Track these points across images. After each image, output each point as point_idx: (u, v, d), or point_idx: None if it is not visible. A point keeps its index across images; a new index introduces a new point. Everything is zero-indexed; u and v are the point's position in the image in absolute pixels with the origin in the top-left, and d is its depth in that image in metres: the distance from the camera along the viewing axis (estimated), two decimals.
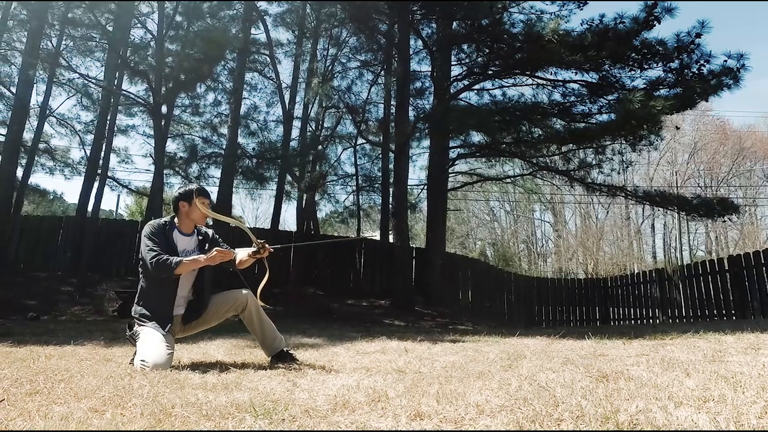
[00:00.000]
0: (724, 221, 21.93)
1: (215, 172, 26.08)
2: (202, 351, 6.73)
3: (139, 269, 5.69)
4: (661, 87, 17.62)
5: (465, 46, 21.13)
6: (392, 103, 22.62)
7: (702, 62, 16.98)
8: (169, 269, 5.33)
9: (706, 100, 18.28)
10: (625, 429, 2.76)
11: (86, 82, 25.42)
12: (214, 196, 24.15)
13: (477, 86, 21.84)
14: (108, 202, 69.91)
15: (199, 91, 26.27)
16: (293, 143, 24.02)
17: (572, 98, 19.60)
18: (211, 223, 5.39)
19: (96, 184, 21.25)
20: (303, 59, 24.95)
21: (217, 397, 3.70)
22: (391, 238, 22.13)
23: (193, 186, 5.81)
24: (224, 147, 24.69)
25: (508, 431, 2.80)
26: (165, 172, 23.27)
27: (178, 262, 5.35)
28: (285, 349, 5.80)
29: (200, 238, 5.89)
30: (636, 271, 28.84)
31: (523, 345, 7.26)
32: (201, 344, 7.46)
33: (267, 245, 5.71)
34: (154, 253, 5.40)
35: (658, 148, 30.55)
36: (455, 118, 17.87)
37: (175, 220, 5.80)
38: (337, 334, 9.86)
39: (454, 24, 20.14)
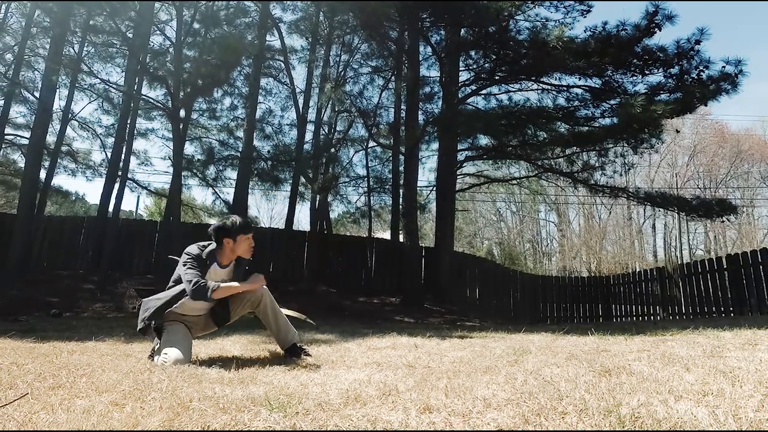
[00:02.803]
0: (723, 221, 21.89)
1: (231, 174, 26.08)
2: (219, 347, 6.74)
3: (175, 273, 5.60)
4: (661, 92, 17.59)
5: (472, 53, 21.11)
6: (402, 107, 22.61)
7: (701, 68, 16.95)
8: (205, 295, 5.23)
9: (705, 105, 18.20)
10: (627, 422, 2.76)
11: (107, 87, 25.53)
12: (230, 197, 24.25)
13: (484, 91, 21.82)
14: (128, 203, 70.07)
15: (216, 96, 26.33)
16: (307, 146, 24.08)
17: (576, 103, 19.58)
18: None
19: (117, 186, 21.31)
20: (316, 65, 25.01)
21: (233, 391, 3.72)
22: (401, 238, 22.14)
23: (238, 221, 5.65)
24: (240, 149, 24.68)
25: (515, 430, 2.81)
26: (183, 173, 23.28)
27: (216, 287, 5.26)
28: (298, 344, 5.75)
29: (234, 265, 5.78)
30: (637, 270, 28.77)
31: (528, 341, 7.25)
32: (218, 340, 7.47)
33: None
34: (196, 278, 5.29)
35: (658, 150, 30.53)
36: (463, 122, 17.89)
37: (216, 251, 5.65)
38: (348, 330, 9.85)
39: (462, 31, 20.14)
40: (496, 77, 20.19)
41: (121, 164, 21.97)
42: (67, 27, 20.79)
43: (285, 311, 5.95)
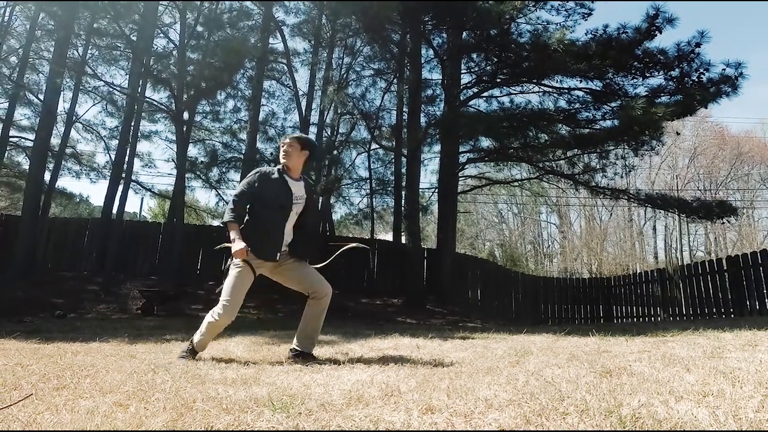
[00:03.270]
0: (723, 223, 21.89)
1: (235, 176, 26.09)
2: (223, 348, 6.75)
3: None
4: (662, 94, 17.60)
5: (474, 55, 21.12)
6: (404, 109, 22.62)
7: (701, 71, 16.95)
8: (223, 215, 5.76)
9: (706, 107, 18.19)
10: (628, 422, 2.77)
11: (111, 89, 25.60)
12: None
13: (486, 93, 21.84)
14: (132, 205, 70.26)
15: (219, 99, 26.36)
16: None
17: (577, 105, 19.57)
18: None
19: (120, 188, 21.30)
20: (319, 68, 24.99)
21: (236, 391, 3.73)
22: (403, 239, 22.14)
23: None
24: (243, 152, 24.71)
25: (516, 431, 2.81)
26: (187, 175, 23.33)
27: (232, 226, 5.68)
28: (312, 353, 5.84)
29: (305, 184, 6.11)
30: (638, 271, 28.77)
31: (530, 342, 7.25)
32: (221, 342, 7.48)
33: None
34: (236, 199, 5.84)
35: (659, 152, 30.55)
36: (465, 125, 17.89)
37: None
38: (351, 331, 9.84)
39: (464, 34, 20.13)
40: (498, 80, 20.20)
41: (125, 166, 21.95)
42: (71, 30, 20.81)
43: (343, 249, 6.14)
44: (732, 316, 17.27)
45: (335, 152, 24.92)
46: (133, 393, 3.67)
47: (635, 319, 22.68)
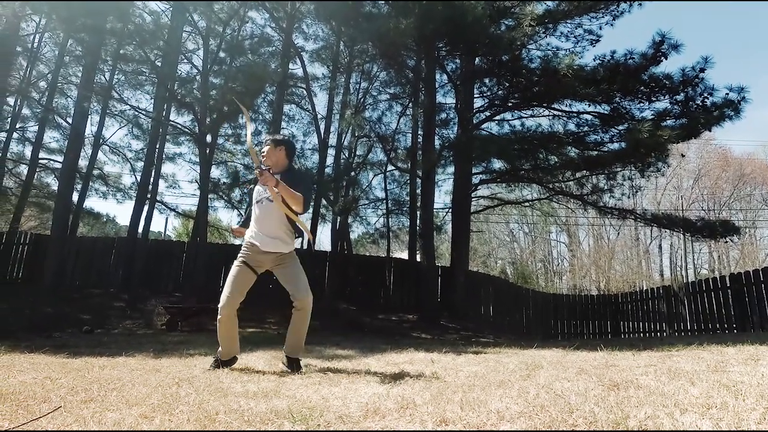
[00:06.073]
0: (726, 242, 21.81)
1: None
2: (244, 362, 6.74)
3: None
4: (667, 118, 17.56)
5: (487, 80, 21.18)
6: (419, 132, 22.61)
7: (705, 95, 16.92)
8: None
9: (710, 130, 18.13)
10: None
11: (137, 113, 25.68)
12: None
13: (498, 117, 21.86)
14: (157, 224, 70.09)
15: (241, 122, 26.37)
16: (328, 170, 24.05)
17: (585, 128, 19.56)
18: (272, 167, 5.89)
19: (146, 208, 21.41)
20: (337, 92, 25.00)
21: (257, 404, 3.73)
22: (418, 258, 22.12)
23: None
24: None
25: None
26: (209, 196, 23.34)
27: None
28: (298, 359, 6.08)
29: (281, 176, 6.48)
30: (644, 288, 28.61)
31: (540, 356, 7.22)
32: (243, 356, 7.45)
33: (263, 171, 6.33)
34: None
35: (664, 174, 30.38)
36: (478, 147, 17.87)
37: None
38: (368, 346, 9.82)
39: (477, 60, 20.20)
40: (509, 104, 20.22)
41: (150, 187, 22.07)
42: (98, 56, 20.93)
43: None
44: (735, 331, 17.16)
45: (352, 173, 24.94)
46: (158, 405, 3.68)
47: (642, 335, 22.47)
